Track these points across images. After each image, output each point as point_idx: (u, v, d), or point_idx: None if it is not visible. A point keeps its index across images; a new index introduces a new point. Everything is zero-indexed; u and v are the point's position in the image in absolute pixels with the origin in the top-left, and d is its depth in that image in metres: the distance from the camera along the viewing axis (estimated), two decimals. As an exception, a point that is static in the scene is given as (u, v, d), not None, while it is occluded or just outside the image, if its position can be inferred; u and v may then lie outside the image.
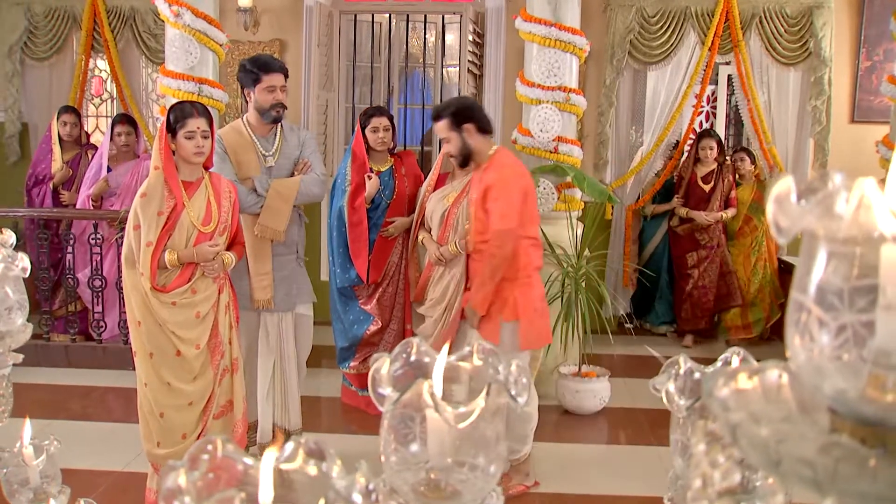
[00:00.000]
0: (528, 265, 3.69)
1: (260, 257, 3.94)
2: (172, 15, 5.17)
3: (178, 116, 3.38)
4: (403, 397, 0.82)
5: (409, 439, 0.83)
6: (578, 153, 5.33)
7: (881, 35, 6.41)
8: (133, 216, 3.37)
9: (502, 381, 0.85)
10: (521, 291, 3.66)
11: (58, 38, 6.86)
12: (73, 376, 5.46)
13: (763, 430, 0.59)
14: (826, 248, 0.59)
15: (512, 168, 3.69)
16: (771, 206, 0.60)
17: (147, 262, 3.31)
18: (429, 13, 7.05)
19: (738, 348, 1.08)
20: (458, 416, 0.80)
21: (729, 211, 6.41)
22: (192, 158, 3.42)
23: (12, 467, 1.47)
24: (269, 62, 3.98)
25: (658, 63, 6.63)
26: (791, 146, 6.61)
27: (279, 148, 4.01)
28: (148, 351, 3.37)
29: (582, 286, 4.91)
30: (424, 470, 0.83)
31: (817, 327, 0.60)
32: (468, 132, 3.65)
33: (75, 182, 5.99)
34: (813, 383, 0.61)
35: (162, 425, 3.42)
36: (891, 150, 5.24)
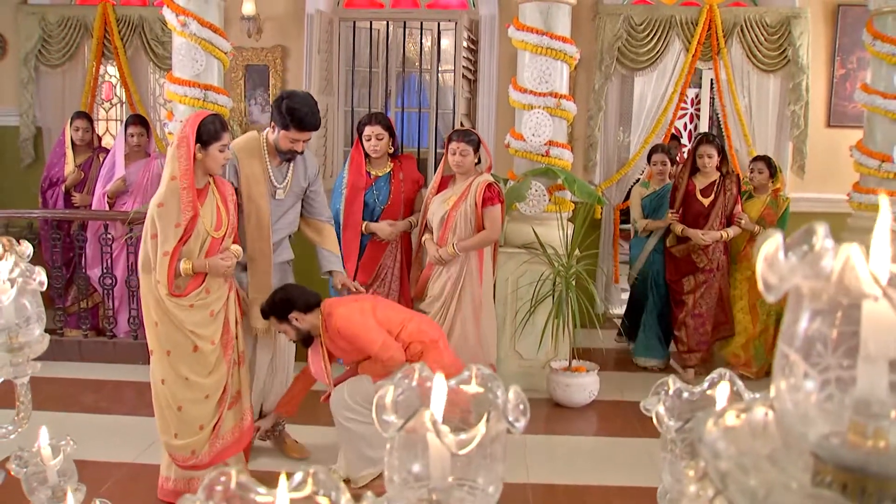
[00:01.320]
0: (423, 344, 3.80)
1: (261, 288, 4.01)
2: (179, 24, 5.30)
3: (217, 129, 3.49)
4: (407, 425, 0.83)
5: (411, 460, 0.85)
6: (569, 156, 5.51)
7: (854, 44, 6.67)
8: (150, 224, 3.45)
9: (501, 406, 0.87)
10: (435, 361, 3.65)
11: (70, 45, 7.06)
12: (86, 370, 5.58)
13: (752, 480, 0.60)
14: (811, 305, 0.62)
15: (342, 305, 3.80)
16: (760, 264, 0.62)
17: (164, 271, 3.42)
18: (425, 20, 7.20)
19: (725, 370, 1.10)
20: (459, 443, 0.81)
21: (731, 230, 5.56)
22: (217, 170, 3.58)
23: (32, 466, 1.51)
24: (303, 119, 3.86)
25: (645, 69, 6.85)
26: (771, 149, 6.81)
27: (289, 183, 4.06)
28: (165, 349, 3.51)
29: (572, 284, 5.09)
30: (426, 489, 0.84)
31: (802, 377, 0.61)
32: (298, 319, 3.75)
33: (87, 184, 6.17)
34: (798, 430, 0.63)
35: (180, 418, 3.55)
36: (864, 154, 5.48)
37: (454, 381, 0.95)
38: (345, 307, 3.79)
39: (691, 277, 5.65)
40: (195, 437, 3.58)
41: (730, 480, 0.60)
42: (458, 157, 4.65)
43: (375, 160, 4.87)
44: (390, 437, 0.86)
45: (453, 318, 4.74)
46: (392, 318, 3.84)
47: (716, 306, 5.68)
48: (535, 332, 5.18)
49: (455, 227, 4.68)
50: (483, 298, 4.80)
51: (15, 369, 1.57)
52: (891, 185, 5.31)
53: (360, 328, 3.70)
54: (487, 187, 4.63)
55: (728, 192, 5.56)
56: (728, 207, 5.55)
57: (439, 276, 4.78)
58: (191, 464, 3.61)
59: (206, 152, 3.48)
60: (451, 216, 4.68)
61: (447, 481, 0.85)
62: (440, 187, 4.85)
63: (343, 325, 3.70)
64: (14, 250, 1.55)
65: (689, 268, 5.66)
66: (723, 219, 5.56)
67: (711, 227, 5.53)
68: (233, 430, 3.73)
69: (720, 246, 5.61)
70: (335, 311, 3.75)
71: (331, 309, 3.78)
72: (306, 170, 4.16)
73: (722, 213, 5.55)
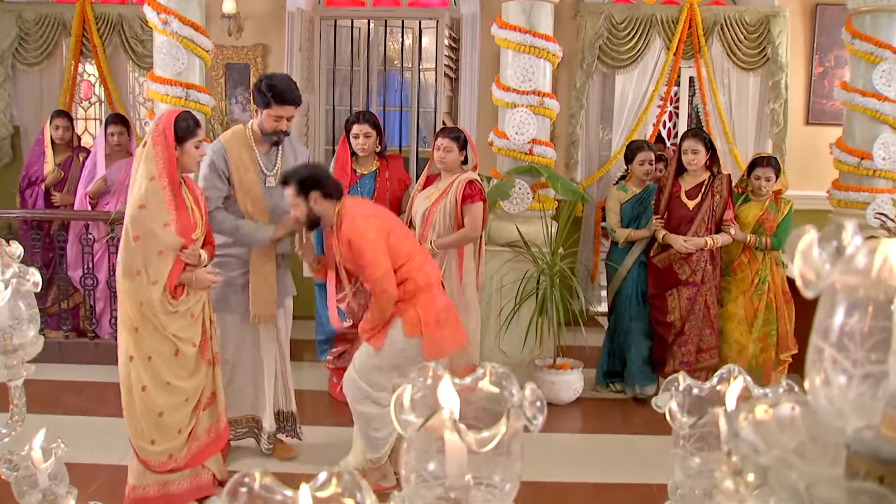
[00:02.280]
0: (427, 283, 3.78)
1: (264, 275, 4.01)
2: (160, 22, 5.27)
3: (190, 126, 3.48)
4: (427, 424, 0.83)
5: (427, 459, 0.85)
6: (552, 154, 5.54)
7: (832, 43, 6.77)
8: (132, 226, 3.39)
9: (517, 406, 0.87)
10: (424, 307, 3.73)
11: (48, 44, 6.97)
12: (67, 372, 5.50)
13: (794, 474, 0.60)
14: (846, 300, 0.63)
15: (360, 216, 3.72)
16: (798, 260, 0.62)
17: (163, 270, 3.40)
18: (406, 19, 7.23)
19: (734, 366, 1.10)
20: (479, 442, 0.81)
21: (718, 237, 4.94)
22: (193, 168, 3.57)
23: (22, 470, 1.48)
24: (283, 92, 3.89)
25: (626, 67, 6.88)
26: (751, 146, 6.89)
27: (279, 170, 4.04)
28: (147, 355, 3.45)
29: (556, 282, 5.13)
30: (443, 488, 0.85)
31: (837, 371, 0.62)
32: (314, 200, 3.73)
33: (67, 184, 6.11)
34: (834, 424, 0.63)
35: (160, 424, 3.50)
36: (844, 152, 5.55)
37: (469, 379, 0.94)
38: (363, 220, 3.69)
39: (674, 292, 5.02)
40: (173, 442, 3.54)
41: (771, 475, 0.59)
42: (441, 153, 4.64)
43: (362, 158, 4.87)
44: (409, 436, 0.86)
45: None
46: (401, 249, 3.75)
47: (702, 325, 5.03)
48: (519, 330, 5.20)
49: (434, 224, 4.67)
50: (465, 298, 4.78)
51: (9, 371, 1.56)
52: (870, 182, 5.38)
53: (369, 248, 3.63)
54: (468, 184, 4.62)
55: (717, 195, 4.96)
56: (717, 212, 4.96)
57: None
58: (168, 467, 3.57)
59: (182, 149, 3.46)
60: (431, 212, 4.67)
61: (464, 480, 0.85)
62: (426, 185, 4.85)
63: (354, 238, 3.63)
64: (3, 251, 1.54)
65: (671, 280, 5.03)
66: (710, 224, 4.96)
67: (696, 234, 4.94)
68: (209, 431, 3.70)
69: (706, 255, 4.98)
70: (354, 217, 3.68)
71: (350, 212, 3.71)
72: (296, 157, 4.15)
73: (709, 217, 4.95)
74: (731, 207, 4.99)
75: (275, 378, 4.19)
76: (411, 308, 3.72)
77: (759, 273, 5.04)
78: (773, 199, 5.04)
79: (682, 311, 5.00)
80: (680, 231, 4.97)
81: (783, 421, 0.67)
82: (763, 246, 4.99)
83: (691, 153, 4.91)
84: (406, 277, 3.72)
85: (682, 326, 5.01)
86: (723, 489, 0.69)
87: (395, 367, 3.72)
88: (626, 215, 5.31)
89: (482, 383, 0.94)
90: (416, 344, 3.72)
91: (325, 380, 5.31)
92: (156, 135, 3.44)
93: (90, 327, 5.91)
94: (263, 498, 0.71)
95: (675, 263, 5.00)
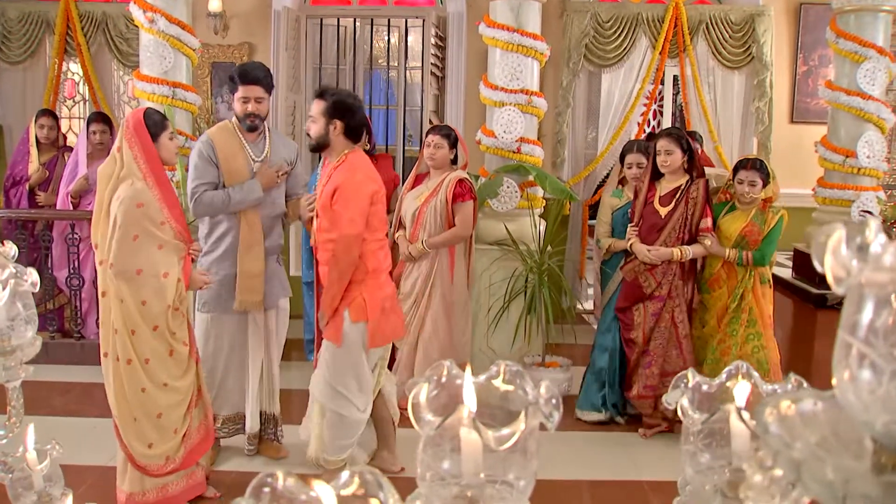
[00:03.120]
0: (377, 268, 3.71)
1: (252, 258, 3.97)
2: (147, 21, 5.26)
3: (159, 120, 3.47)
4: (446, 422, 0.84)
5: (441, 458, 0.85)
6: (540, 153, 5.56)
7: (816, 42, 6.84)
8: (131, 226, 3.34)
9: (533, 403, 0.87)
10: (370, 293, 3.67)
11: (31, 42, 6.93)
12: (53, 372, 5.44)
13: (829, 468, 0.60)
14: (874, 297, 0.63)
15: (364, 172, 3.64)
16: (828, 257, 0.62)
17: (171, 261, 3.40)
18: (392, 17, 7.24)
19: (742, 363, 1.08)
20: (498, 439, 0.82)
21: (689, 248, 4.43)
22: (172, 160, 3.56)
23: (17, 472, 1.47)
24: (244, 72, 3.91)
25: (612, 66, 6.91)
26: (736, 144, 6.94)
27: (268, 155, 4.01)
28: (144, 357, 3.43)
29: (545, 280, 5.13)
30: (458, 486, 0.85)
31: (865, 366, 0.62)
32: (335, 126, 3.64)
33: (52, 183, 6.06)
34: (861, 419, 0.63)
35: (159, 425, 3.50)
36: (829, 150, 5.59)
37: (482, 377, 0.95)
38: (364, 176, 3.61)
39: (641, 306, 4.56)
40: (170, 444, 3.54)
41: (804, 469, 0.59)
42: (431, 150, 4.65)
43: None
44: (426, 434, 0.86)
45: (424, 316, 4.75)
46: (374, 224, 3.67)
47: (668, 345, 4.53)
48: (508, 328, 5.21)
49: (425, 224, 4.68)
50: (455, 296, 4.79)
51: (7, 373, 1.54)
52: (855, 180, 5.43)
53: (355, 204, 3.55)
54: (458, 183, 4.63)
55: (691, 201, 4.47)
56: (691, 220, 4.46)
57: (410, 273, 4.78)
58: (167, 470, 3.56)
59: (158, 144, 3.45)
60: (421, 212, 4.67)
61: (480, 478, 0.85)
62: (415, 184, 4.85)
63: (347, 187, 3.54)
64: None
65: (638, 294, 4.57)
66: (682, 233, 4.47)
67: (665, 243, 4.47)
68: (199, 428, 3.70)
69: (674, 268, 4.49)
70: (357, 169, 3.61)
71: (356, 162, 3.64)
72: (285, 147, 4.13)
73: (681, 226, 4.46)
74: (710, 216, 4.47)
75: (259, 380, 4.16)
76: (357, 293, 3.66)
77: (735, 291, 4.45)
78: (761, 209, 4.45)
79: (646, 328, 4.52)
80: (649, 240, 4.51)
81: (806, 416, 0.66)
82: (744, 261, 4.42)
83: (664, 154, 4.45)
84: (362, 254, 3.64)
85: (646, 345, 4.53)
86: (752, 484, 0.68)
87: (358, 360, 3.72)
88: (619, 223, 4.84)
89: (496, 382, 0.94)
90: (361, 329, 3.69)
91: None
92: (128, 137, 3.39)
93: (76, 328, 5.86)
94: (287, 498, 0.71)
95: (641, 275, 4.53)
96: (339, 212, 3.57)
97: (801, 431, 0.66)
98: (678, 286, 4.50)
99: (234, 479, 4.01)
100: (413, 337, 4.77)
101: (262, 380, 4.18)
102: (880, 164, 5.43)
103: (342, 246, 3.57)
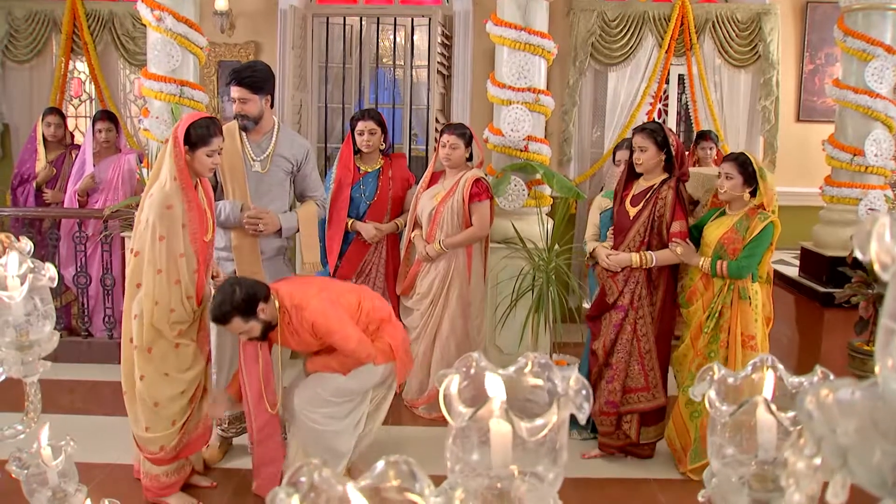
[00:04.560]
0: (381, 319, 3.74)
1: (248, 260, 4.01)
2: (154, 19, 5.24)
3: (205, 134, 3.45)
4: (477, 413, 0.83)
5: (469, 450, 0.85)
6: (547, 151, 5.55)
7: (823, 40, 6.84)
8: (160, 226, 3.39)
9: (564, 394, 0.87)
10: (391, 336, 3.72)
11: (38, 41, 6.94)
12: (61, 371, 5.36)
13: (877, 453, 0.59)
14: None
15: (318, 312, 3.49)
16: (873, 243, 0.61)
17: (184, 272, 3.45)
18: (398, 16, 7.24)
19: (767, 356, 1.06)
20: (530, 430, 0.82)
21: (652, 255, 4.04)
22: (205, 174, 3.55)
23: (32, 468, 1.48)
24: (232, 72, 3.95)
25: (618, 64, 6.91)
26: (742, 143, 6.93)
27: (271, 154, 4.03)
28: (147, 346, 3.48)
29: (552, 279, 5.12)
30: (487, 478, 0.85)
31: None
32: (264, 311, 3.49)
33: (59, 181, 6.08)
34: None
35: (156, 413, 3.54)
36: (836, 148, 5.58)
37: (512, 369, 0.95)
38: (316, 300, 3.49)
39: (608, 316, 4.20)
40: (166, 432, 3.58)
41: (851, 455, 0.59)
42: (447, 150, 4.64)
43: (366, 156, 4.86)
44: (457, 426, 0.86)
45: (441, 316, 4.75)
46: (349, 302, 3.61)
47: (630, 359, 4.14)
48: (515, 327, 5.20)
49: (442, 223, 4.67)
50: (472, 296, 4.80)
51: (25, 367, 1.55)
52: (862, 179, 5.42)
53: (336, 324, 3.48)
54: (475, 182, 4.63)
55: (660, 202, 4.06)
56: (659, 223, 4.08)
57: (427, 272, 4.78)
58: (157, 458, 3.61)
59: (193, 155, 3.45)
60: (438, 212, 4.67)
61: (510, 470, 0.85)
62: (430, 183, 4.84)
63: (319, 321, 3.45)
64: (14, 247, 1.53)
65: (605, 302, 4.23)
66: (648, 237, 4.08)
67: (629, 248, 4.11)
68: (198, 425, 3.73)
69: (638, 275, 4.11)
70: (308, 305, 3.47)
71: (298, 301, 3.50)
72: (292, 146, 4.13)
73: (647, 230, 4.07)
74: (683, 218, 4.07)
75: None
76: (380, 341, 3.68)
77: (711, 307, 3.98)
78: (748, 215, 3.95)
79: (607, 341, 4.14)
80: (616, 243, 4.19)
81: (844, 405, 0.65)
82: (717, 272, 3.94)
83: (638, 150, 4.12)
84: (366, 323, 3.66)
85: (608, 358, 4.17)
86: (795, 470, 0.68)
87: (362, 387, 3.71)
88: (605, 225, 4.53)
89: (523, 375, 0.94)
90: (391, 368, 3.73)
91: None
92: (173, 136, 3.45)
93: (83, 326, 5.86)
94: (324, 488, 0.71)
95: (605, 282, 4.22)
96: (332, 341, 3.56)
97: (840, 420, 0.64)
98: (643, 296, 4.10)
99: (242, 477, 4.03)
100: (430, 336, 4.78)
101: None
102: (888, 162, 5.41)
103: (354, 359, 3.62)
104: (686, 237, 4.07)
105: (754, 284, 3.97)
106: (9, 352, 1.51)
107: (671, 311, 4.21)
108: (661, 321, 4.16)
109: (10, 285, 1.47)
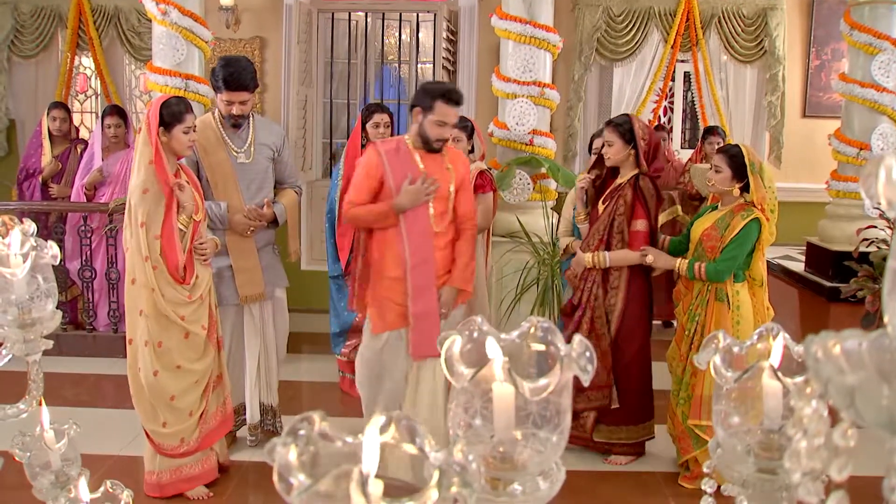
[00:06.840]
0: None
1: (244, 254, 4.00)
2: (160, 13, 5.26)
3: (177, 111, 3.45)
4: (478, 374, 0.82)
5: (473, 414, 0.84)
6: (552, 145, 5.55)
7: (829, 36, 6.82)
8: (139, 213, 3.41)
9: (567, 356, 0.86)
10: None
11: (44, 36, 6.97)
12: (65, 364, 5.49)
13: (885, 392, 0.59)
14: None
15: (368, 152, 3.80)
16: (882, 181, 0.61)
17: (157, 253, 3.42)
18: (404, 12, 7.23)
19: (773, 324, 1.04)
20: (533, 390, 0.81)
21: (606, 255, 3.90)
22: (185, 152, 3.54)
23: (34, 451, 1.47)
24: (228, 78, 3.80)
25: (623, 60, 6.92)
26: (748, 139, 6.92)
27: (252, 144, 4.00)
28: (157, 341, 3.48)
29: (557, 272, 5.12)
30: (490, 444, 0.84)
31: None
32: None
33: (64, 176, 6.09)
34: None
35: (173, 406, 3.54)
36: (843, 143, 5.57)
37: (515, 333, 0.94)
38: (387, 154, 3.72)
39: (573, 313, 4.13)
40: (185, 424, 3.57)
41: (859, 395, 0.57)
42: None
43: None
44: (459, 387, 0.85)
45: None
46: None
47: None
48: (519, 321, 5.11)
49: None
50: (475, 289, 4.78)
51: (27, 346, 1.53)
52: (869, 173, 5.41)
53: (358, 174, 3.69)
54: (479, 175, 4.62)
55: (623, 200, 3.90)
56: (619, 221, 3.91)
57: None
58: (181, 451, 3.60)
59: (169, 135, 3.46)
60: None
61: (512, 433, 0.85)
62: None
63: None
64: (17, 228, 1.51)
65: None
66: (607, 236, 3.94)
67: (588, 246, 4.00)
68: (215, 414, 3.72)
69: (594, 275, 3.99)
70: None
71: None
72: (270, 133, 4.12)
73: (606, 228, 3.93)
74: (645, 217, 3.90)
75: (257, 371, 4.16)
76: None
77: (690, 310, 3.79)
78: (734, 211, 3.70)
79: (567, 339, 4.06)
80: (584, 243, 4.08)
81: (851, 355, 0.63)
82: (695, 274, 3.72)
83: (606, 145, 3.97)
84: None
85: None
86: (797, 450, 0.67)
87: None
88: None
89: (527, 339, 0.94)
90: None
91: (336, 372, 5.28)
92: (146, 120, 3.46)
93: (88, 320, 5.87)
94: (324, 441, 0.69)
95: (570, 280, 4.18)
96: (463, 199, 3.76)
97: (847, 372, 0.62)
98: (598, 296, 3.96)
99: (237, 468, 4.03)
100: None
101: (260, 371, 4.18)
102: (894, 156, 5.40)
103: (472, 223, 3.79)
104: (648, 237, 3.91)
105: (735, 285, 3.71)
106: (11, 330, 1.49)
107: (642, 312, 4.04)
108: (626, 321, 3.98)
109: (12, 263, 1.46)
